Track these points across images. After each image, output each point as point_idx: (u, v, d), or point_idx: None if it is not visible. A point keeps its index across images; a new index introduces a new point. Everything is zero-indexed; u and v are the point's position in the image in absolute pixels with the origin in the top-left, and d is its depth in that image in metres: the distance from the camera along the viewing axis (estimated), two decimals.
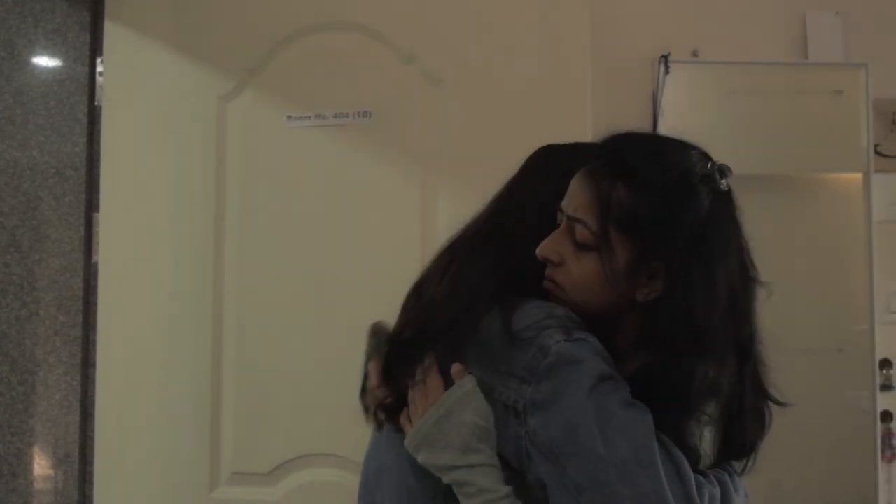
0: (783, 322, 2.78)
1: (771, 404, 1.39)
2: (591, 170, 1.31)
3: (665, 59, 2.78)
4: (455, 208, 2.42)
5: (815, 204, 2.91)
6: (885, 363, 2.85)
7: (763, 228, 2.82)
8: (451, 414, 1.26)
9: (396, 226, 2.42)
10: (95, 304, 2.54)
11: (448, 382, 1.30)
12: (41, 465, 2.53)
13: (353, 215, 2.44)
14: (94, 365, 2.53)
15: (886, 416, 2.84)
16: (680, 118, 2.77)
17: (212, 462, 2.44)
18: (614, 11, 2.78)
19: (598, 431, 1.15)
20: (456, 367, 1.30)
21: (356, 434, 1.58)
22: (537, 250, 1.34)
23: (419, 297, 1.52)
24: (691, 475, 1.17)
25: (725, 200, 1.30)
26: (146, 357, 2.48)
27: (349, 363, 1.64)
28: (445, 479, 1.26)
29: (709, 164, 1.30)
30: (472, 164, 2.39)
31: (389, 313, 2.44)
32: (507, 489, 1.22)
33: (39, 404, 2.54)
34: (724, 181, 1.29)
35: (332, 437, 2.37)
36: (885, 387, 2.85)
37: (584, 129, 2.25)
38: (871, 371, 2.81)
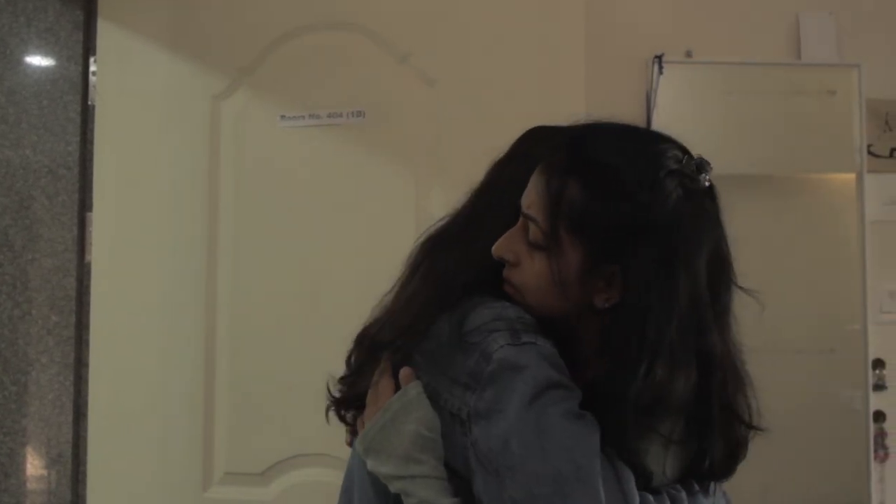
0: (776, 322, 2.79)
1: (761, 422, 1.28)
2: (548, 163, 1.22)
3: (659, 59, 2.77)
4: (450, 208, 2.41)
5: (809, 204, 2.91)
6: (877, 363, 2.85)
7: (756, 229, 2.83)
8: (395, 421, 1.21)
9: (390, 226, 2.42)
10: (88, 304, 2.53)
11: (399, 387, 1.24)
12: (34, 465, 2.53)
13: (346, 215, 2.44)
14: (86, 365, 2.52)
15: (879, 415, 2.84)
16: (674, 118, 2.77)
17: (205, 462, 2.44)
18: (609, 12, 2.78)
19: (536, 444, 1.09)
20: (404, 372, 1.24)
21: None
22: (492, 248, 1.27)
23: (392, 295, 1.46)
24: (635, 494, 1.10)
25: (700, 199, 1.19)
26: (139, 357, 2.48)
27: (343, 363, 1.64)
28: (391, 488, 1.20)
29: (683, 159, 1.19)
30: (466, 163, 2.38)
31: None
32: (450, 502, 1.15)
33: (32, 404, 2.53)
34: (701, 177, 1.19)
35: (325, 437, 2.34)
36: (878, 387, 2.85)
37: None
38: (864, 371, 2.81)
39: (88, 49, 2.61)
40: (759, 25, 2.90)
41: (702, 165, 1.19)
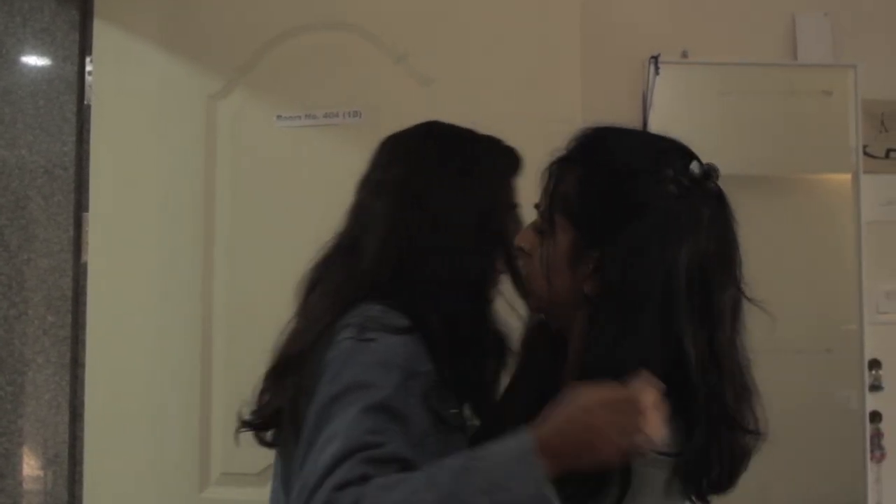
0: (772, 322, 2.79)
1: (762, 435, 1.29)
2: (557, 157, 1.31)
3: (655, 59, 2.77)
4: None
5: (805, 204, 2.91)
6: (874, 363, 2.85)
7: (752, 229, 2.82)
8: None
9: None
10: (85, 304, 2.53)
11: None
12: (30, 466, 2.53)
13: (343, 215, 2.43)
14: (83, 365, 2.52)
15: (875, 416, 2.84)
16: (670, 119, 2.77)
17: (201, 462, 2.44)
18: (604, 12, 2.78)
19: (317, 435, 1.22)
20: None
21: None
22: (515, 240, 1.37)
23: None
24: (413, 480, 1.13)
25: (695, 200, 1.23)
26: (135, 357, 2.47)
27: None
28: None
29: (689, 162, 1.25)
30: None
31: None
32: None
33: (28, 404, 2.53)
34: (706, 182, 1.24)
35: None
36: (874, 387, 2.85)
37: (575, 129, 2.25)
38: (860, 371, 2.81)
39: (84, 49, 2.61)
40: (756, 26, 2.90)
41: (708, 172, 1.25)
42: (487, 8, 2.45)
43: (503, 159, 1.56)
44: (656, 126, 2.75)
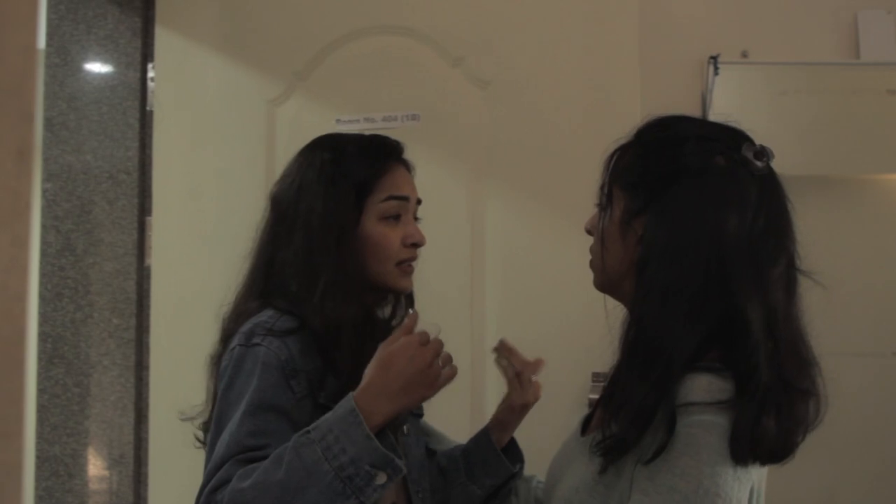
0: (838, 325, 2.75)
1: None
2: (618, 144, 1.37)
3: (714, 60, 2.75)
4: (503, 209, 2.43)
5: (868, 205, 2.87)
6: None
7: (813, 231, 2.79)
8: None
9: (445, 227, 2.43)
10: (148, 307, 2.57)
11: None
12: (96, 466, 2.57)
13: None
14: (147, 367, 2.56)
15: None
16: (730, 119, 2.75)
17: None
18: (663, 13, 2.76)
19: (214, 442, 1.40)
20: None
21: None
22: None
23: None
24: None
25: (744, 174, 1.26)
26: (198, 359, 2.50)
27: None
28: None
29: (741, 141, 1.29)
30: (520, 165, 2.39)
31: (440, 314, 2.44)
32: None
33: (94, 406, 2.57)
34: (758, 161, 1.27)
35: None
36: None
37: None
38: None
39: (146, 55, 2.65)
40: (817, 25, 2.86)
41: (761, 152, 1.28)
42: (544, 10, 2.44)
43: (366, 154, 1.61)
44: None
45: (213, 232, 2.53)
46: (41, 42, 2.65)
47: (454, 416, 1.65)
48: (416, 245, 1.62)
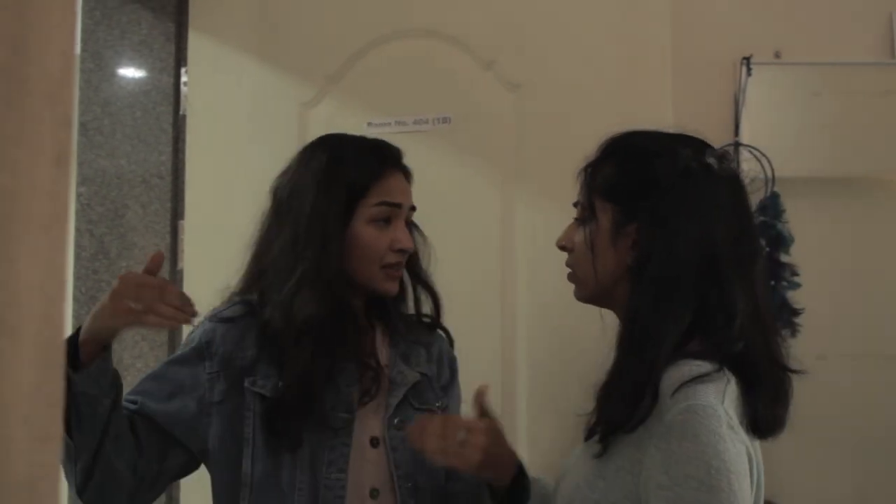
0: (866, 327, 2.72)
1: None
2: (588, 161, 1.48)
3: (747, 60, 2.74)
4: (533, 212, 2.42)
5: None
6: None
7: (847, 231, 2.77)
8: None
9: (475, 230, 2.43)
10: None
11: None
12: None
13: (432, 220, 2.44)
14: None
15: None
16: (762, 120, 2.73)
17: None
18: (695, 13, 2.75)
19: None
20: None
21: None
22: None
23: None
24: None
25: (715, 178, 1.37)
26: None
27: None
28: None
29: (703, 147, 1.40)
30: (550, 168, 2.39)
31: (470, 316, 2.45)
32: None
33: None
34: (711, 156, 1.39)
35: None
36: None
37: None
38: None
39: (180, 60, 2.66)
40: (851, 25, 2.84)
41: (724, 156, 1.42)
42: (576, 12, 2.44)
43: (363, 158, 1.67)
44: (749, 128, 2.72)
45: (246, 235, 2.53)
46: (77, 48, 2.67)
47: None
48: (403, 251, 1.66)
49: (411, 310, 1.80)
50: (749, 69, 2.74)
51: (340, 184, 1.62)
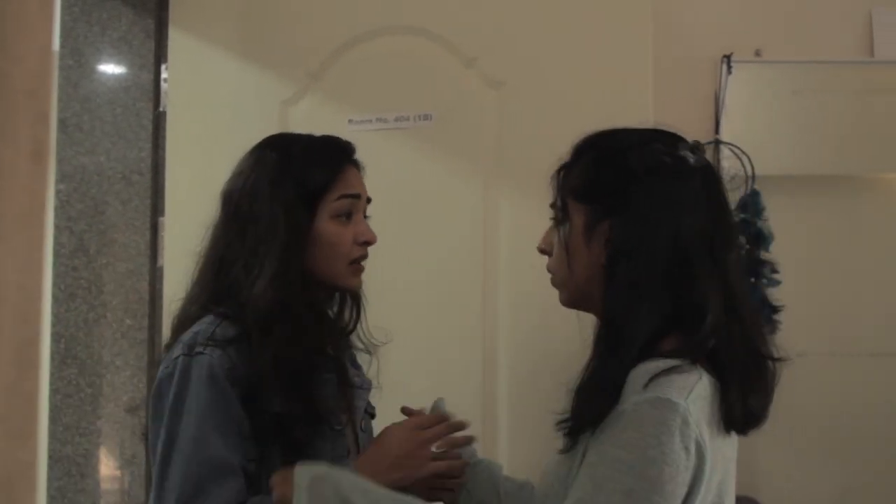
0: (849, 325, 2.73)
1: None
2: (561, 164, 1.48)
3: (728, 58, 2.75)
4: (517, 210, 2.42)
5: (881, 205, 2.85)
6: None
7: (827, 230, 2.78)
8: None
9: (458, 228, 2.43)
10: (161, 308, 2.57)
11: None
12: (108, 466, 2.57)
13: (414, 218, 2.45)
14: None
15: None
16: (743, 118, 2.74)
17: None
18: (676, 12, 2.75)
19: (167, 438, 1.46)
20: None
21: None
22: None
23: None
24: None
25: (685, 166, 1.37)
26: None
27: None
28: None
29: (676, 141, 1.40)
30: (532, 165, 2.38)
31: (450, 315, 2.45)
32: None
33: (106, 406, 2.58)
34: (691, 155, 1.38)
35: None
36: None
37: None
38: None
39: (160, 57, 2.65)
40: (830, 23, 2.85)
41: (696, 147, 1.42)
42: (558, 11, 2.44)
43: (319, 156, 1.65)
44: (729, 125, 2.73)
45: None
46: (55, 44, 2.66)
47: (466, 416, 1.65)
48: (368, 243, 1.65)
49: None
50: (730, 67, 2.75)
51: (300, 182, 1.60)
